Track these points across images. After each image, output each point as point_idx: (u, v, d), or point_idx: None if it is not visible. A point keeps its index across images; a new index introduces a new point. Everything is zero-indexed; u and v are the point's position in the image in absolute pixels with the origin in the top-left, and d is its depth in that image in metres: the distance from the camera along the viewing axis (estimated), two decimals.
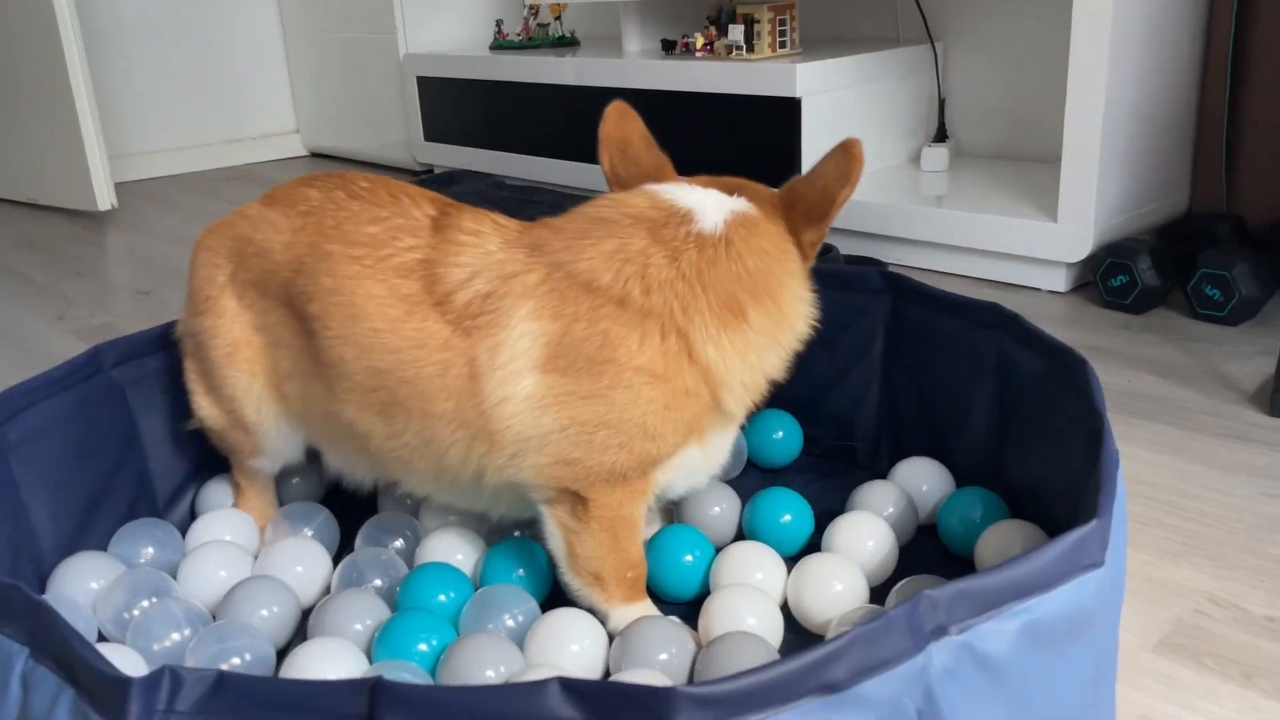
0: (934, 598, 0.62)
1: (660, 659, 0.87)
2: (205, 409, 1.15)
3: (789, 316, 0.97)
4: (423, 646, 0.90)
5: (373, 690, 0.59)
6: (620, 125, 1.08)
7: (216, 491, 1.22)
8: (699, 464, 0.99)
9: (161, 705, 0.60)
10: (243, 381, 1.10)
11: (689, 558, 1.03)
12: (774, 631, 0.94)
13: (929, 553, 1.12)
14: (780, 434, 1.30)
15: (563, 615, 0.93)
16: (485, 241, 0.99)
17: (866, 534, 1.05)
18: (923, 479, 1.16)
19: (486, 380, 0.93)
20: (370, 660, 0.92)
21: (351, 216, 1.03)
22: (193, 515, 1.24)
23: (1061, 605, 0.66)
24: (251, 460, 1.17)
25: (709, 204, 0.98)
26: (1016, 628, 0.64)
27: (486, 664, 0.86)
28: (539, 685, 0.56)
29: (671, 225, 0.95)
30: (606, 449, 0.91)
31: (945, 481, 1.17)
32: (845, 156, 0.94)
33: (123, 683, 0.59)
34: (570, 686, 0.56)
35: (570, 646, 0.90)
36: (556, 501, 0.95)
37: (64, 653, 0.65)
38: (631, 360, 0.90)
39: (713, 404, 0.95)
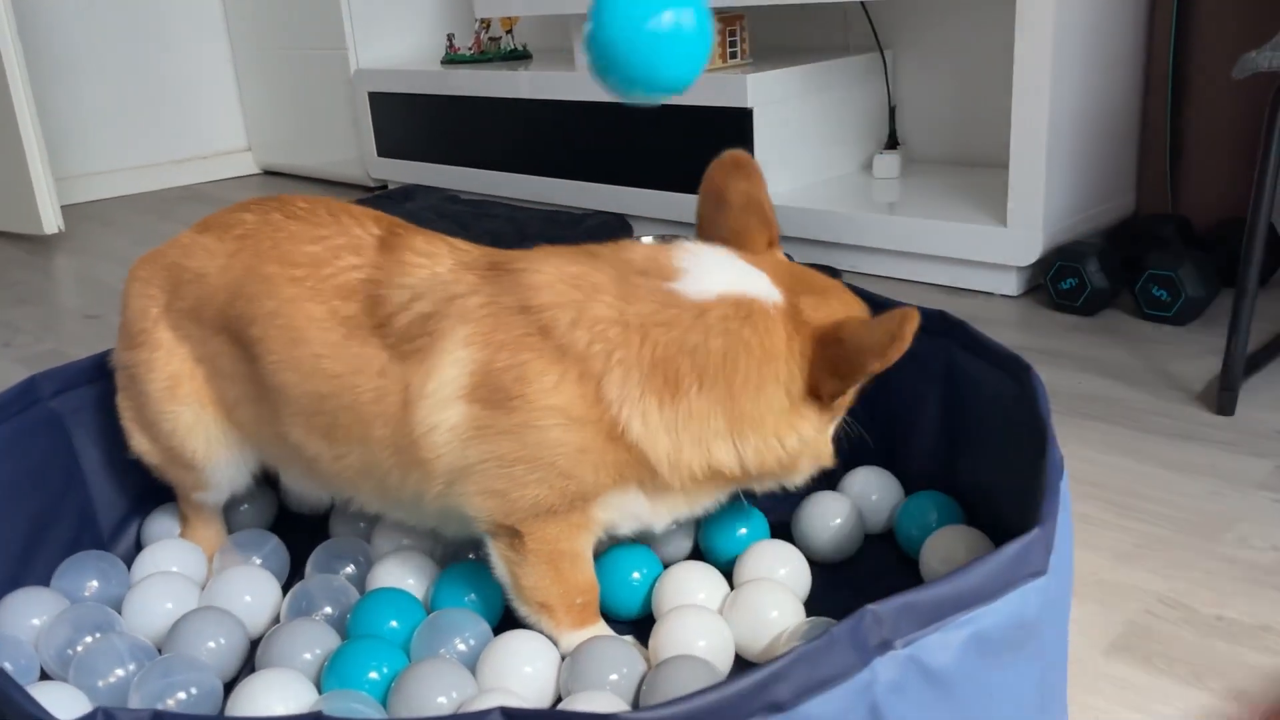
0: (877, 612, 0.62)
1: (610, 679, 0.86)
2: (142, 445, 1.12)
3: (751, 420, 0.89)
4: (373, 675, 0.89)
5: None
6: (723, 178, 1.01)
7: (162, 521, 1.20)
8: (642, 512, 0.95)
9: None
10: (187, 415, 1.06)
11: (636, 575, 1.02)
12: (725, 654, 0.93)
13: (884, 559, 1.12)
14: None
15: (515, 637, 0.92)
16: (436, 263, 0.95)
17: (782, 559, 1.04)
18: (872, 488, 1.16)
19: (416, 408, 0.90)
20: (320, 690, 0.90)
21: (290, 237, 1.00)
22: (138, 546, 1.22)
23: (1006, 615, 0.66)
24: (196, 494, 1.13)
25: (715, 275, 0.91)
26: (962, 639, 0.64)
27: (438, 690, 0.84)
28: (482, 715, 0.56)
29: (649, 275, 0.90)
30: (526, 484, 0.88)
31: (895, 490, 1.17)
32: (893, 330, 0.84)
33: None
34: (513, 715, 0.55)
35: (523, 669, 0.89)
36: (495, 533, 0.93)
37: None
38: (543, 399, 0.86)
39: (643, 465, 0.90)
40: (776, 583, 0.99)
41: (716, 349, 0.88)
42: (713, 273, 0.91)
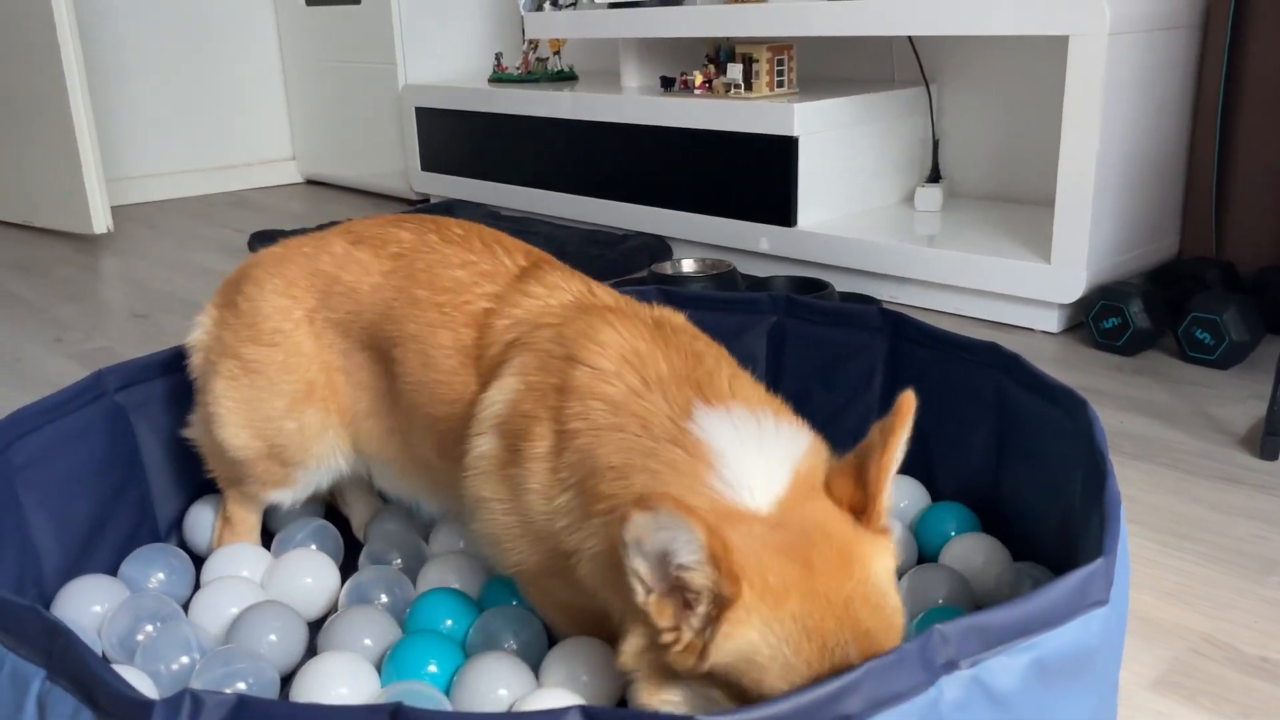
0: (945, 632, 0.63)
1: None
2: (238, 439, 1.10)
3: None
4: (432, 668, 0.92)
5: (393, 715, 0.60)
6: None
7: (204, 514, 1.22)
8: None
9: None
10: (315, 419, 1.07)
11: None
12: None
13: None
14: None
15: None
16: (554, 297, 0.95)
17: None
18: (901, 496, 1.20)
19: (470, 427, 0.92)
20: (380, 677, 0.92)
21: (442, 260, 1.02)
22: (181, 538, 1.24)
23: (1068, 641, 0.67)
24: (269, 491, 1.14)
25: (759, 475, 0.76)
26: (1025, 663, 0.65)
27: (498, 683, 0.87)
28: (559, 713, 0.57)
29: (692, 386, 0.82)
30: (517, 542, 0.87)
31: (923, 500, 1.21)
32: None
33: (144, 705, 0.60)
34: (591, 714, 0.57)
35: (582, 678, 0.90)
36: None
37: (83, 674, 0.65)
38: (531, 462, 0.85)
39: None
40: None
41: (634, 486, 0.78)
42: (739, 435, 0.78)
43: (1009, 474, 1.13)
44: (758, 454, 0.76)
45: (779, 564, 0.69)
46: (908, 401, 0.74)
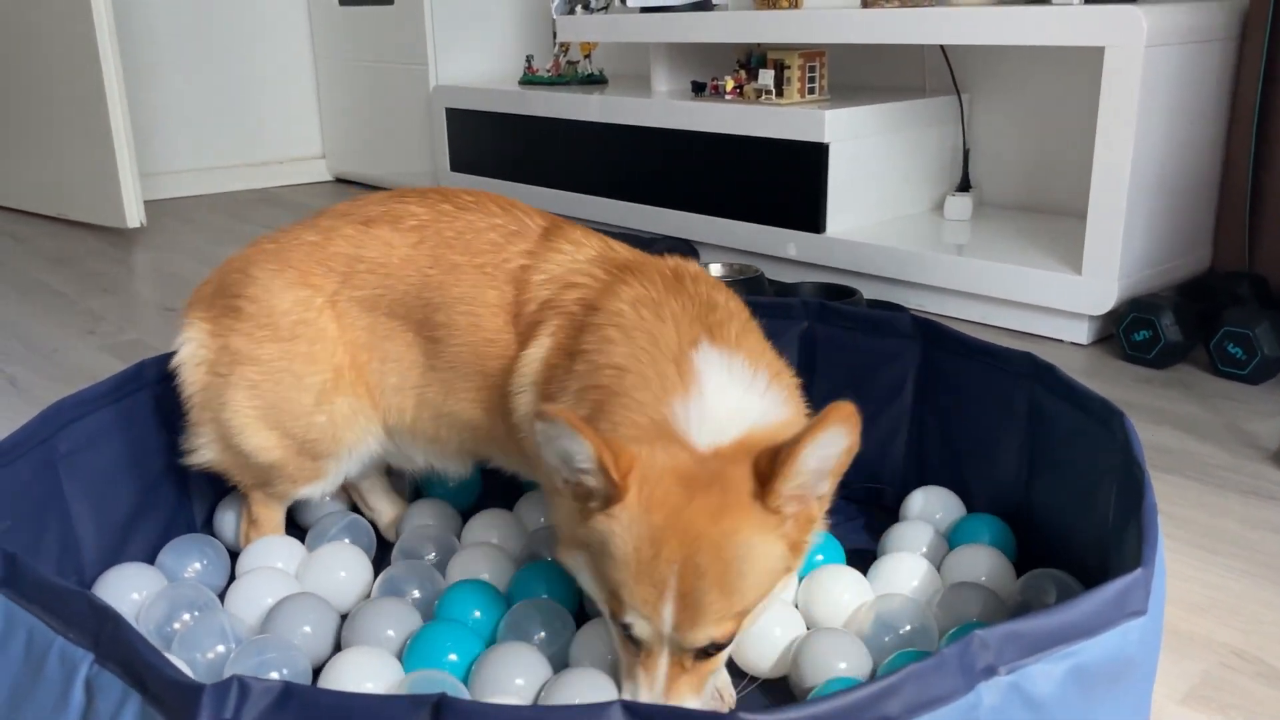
0: (984, 638, 0.63)
1: None
2: (267, 441, 1.09)
3: None
4: (452, 656, 0.93)
5: (436, 707, 0.61)
6: None
7: (228, 517, 1.23)
8: None
9: (229, 713, 0.62)
10: (346, 406, 1.08)
11: None
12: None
13: None
14: None
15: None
16: (580, 252, 1.02)
17: (910, 573, 1.07)
18: (935, 508, 1.21)
19: (512, 384, 0.98)
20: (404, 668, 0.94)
21: (470, 226, 1.06)
22: (211, 531, 1.25)
23: (1106, 650, 0.68)
24: (300, 487, 1.13)
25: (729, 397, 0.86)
26: (1063, 670, 0.66)
27: (516, 673, 0.89)
28: (603, 708, 0.58)
29: (696, 322, 0.92)
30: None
31: (957, 510, 1.21)
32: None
33: (194, 690, 0.61)
34: (633, 710, 0.58)
35: (609, 657, 0.92)
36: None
37: (132, 659, 0.66)
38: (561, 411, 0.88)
39: None
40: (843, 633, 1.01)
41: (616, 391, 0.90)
42: (730, 379, 0.87)
43: (1041, 484, 1.13)
44: (731, 404, 0.85)
45: (670, 486, 0.79)
46: (836, 410, 0.78)
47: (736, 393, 0.86)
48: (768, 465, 0.79)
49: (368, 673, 0.90)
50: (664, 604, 0.77)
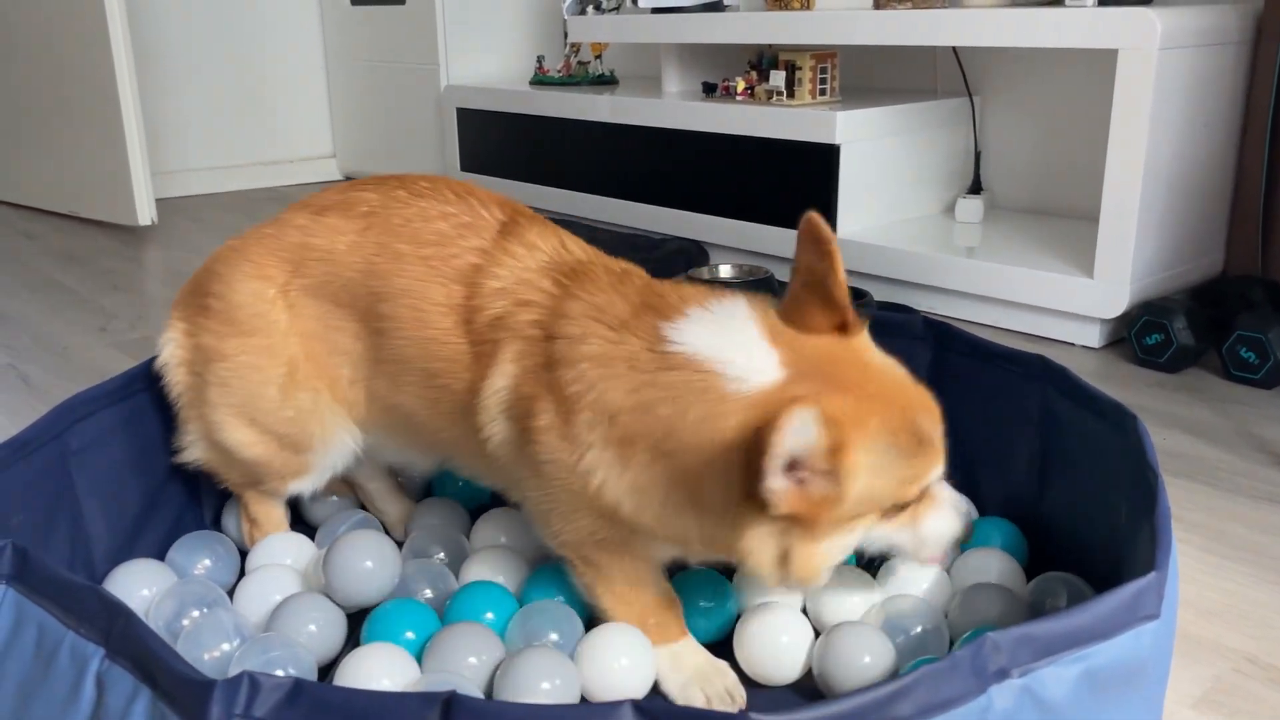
0: (997, 641, 0.63)
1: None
2: (247, 436, 1.08)
3: (694, 507, 0.83)
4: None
5: (446, 704, 0.60)
6: (800, 246, 0.90)
7: (231, 520, 1.23)
8: (670, 549, 0.93)
9: (240, 709, 0.62)
10: (306, 399, 1.06)
11: (703, 604, 1.03)
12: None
13: None
14: None
15: (610, 630, 0.95)
16: (534, 257, 0.96)
17: (922, 575, 1.06)
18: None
19: (479, 413, 0.94)
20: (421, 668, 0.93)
21: (420, 213, 1.01)
22: (220, 528, 1.25)
23: (1119, 654, 0.67)
24: (289, 483, 1.13)
25: (706, 331, 0.85)
26: (1075, 674, 0.65)
27: (542, 677, 0.87)
28: (613, 708, 0.58)
29: (657, 311, 0.88)
30: (550, 515, 0.90)
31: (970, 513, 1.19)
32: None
33: (205, 685, 0.61)
34: (644, 709, 0.58)
35: (620, 661, 0.92)
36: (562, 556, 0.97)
37: (143, 654, 0.67)
38: (541, 435, 0.88)
39: None
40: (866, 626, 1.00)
41: (662, 417, 0.82)
42: (707, 328, 0.85)
43: (1053, 487, 1.13)
44: (731, 337, 0.84)
45: (839, 399, 0.78)
46: (811, 221, 0.85)
47: (719, 330, 0.85)
48: (822, 313, 0.85)
49: (383, 671, 0.90)
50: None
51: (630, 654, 0.91)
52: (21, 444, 1.00)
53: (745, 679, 0.98)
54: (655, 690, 0.94)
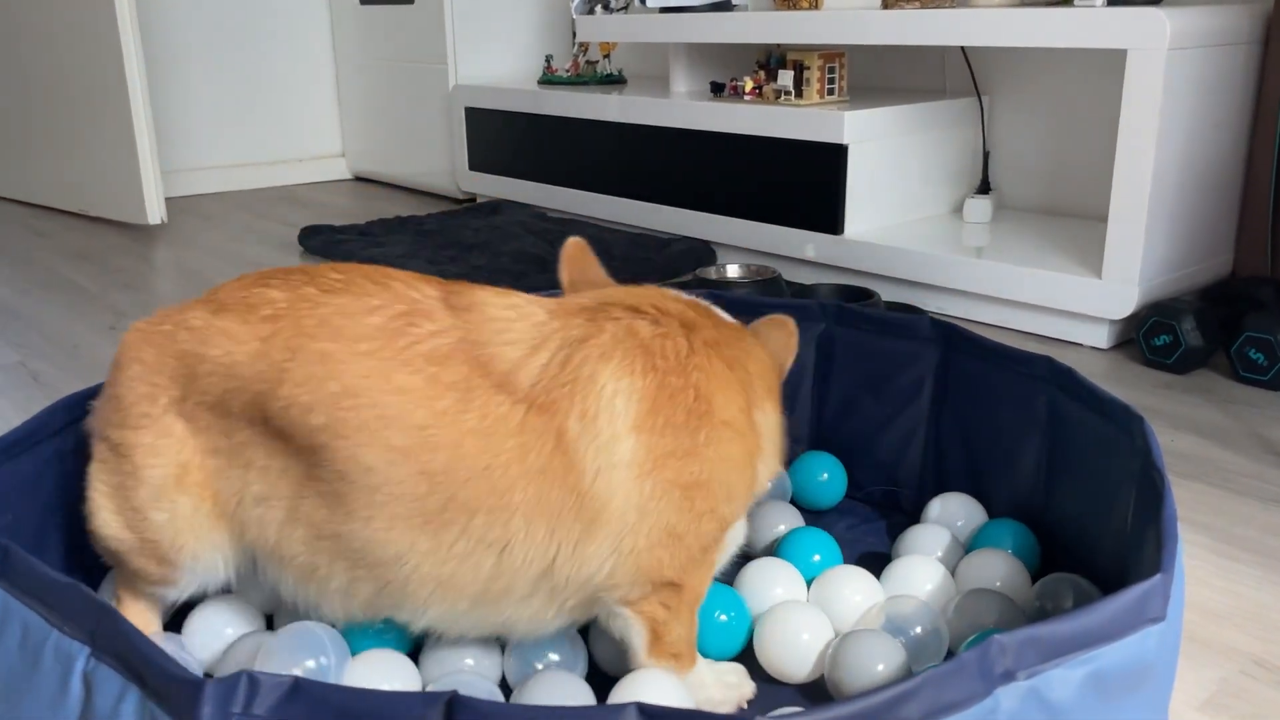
0: (1003, 643, 0.63)
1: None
2: (110, 527, 0.95)
3: (768, 428, 0.99)
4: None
5: (448, 704, 0.60)
6: (569, 271, 1.08)
7: None
8: (738, 536, 0.99)
9: (238, 708, 0.61)
10: (187, 506, 0.92)
11: (722, 617, 1.02)
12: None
13: None
14: (825, 476, 1.30)
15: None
16: (529, 314, 0.90)
17: (925, 577, 1.06)
18: (958, 515, 1.19)
19: (581, 452, 0.84)
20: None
21: (339, 311, 0.88)
22: None
23: (1125, 657, 0.67)
24: (156, 588, 0.98)
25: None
26: (1081, 676, 0.65)
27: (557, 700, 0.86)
28: (618, 710, 0.58)
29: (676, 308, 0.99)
30: (702, 515, 0.88)
31: (979, 517, 1.19)
32: (784, 333, 1.04)
33: (195, 684, 0.61)
34: (649, 712, 0.57)
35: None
36: (645, 597, 0.89)
37: (129, 652, 0.66)
38: (721, 413, 0.90)
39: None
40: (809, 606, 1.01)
41: (767, 369, 1.01)
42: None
43: (1059, 488, 1.12)
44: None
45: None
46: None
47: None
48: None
49: (385, 675, 0.89)
50: None
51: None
52: (13, 442, 0.98)
53: (762, 676, 0.99)
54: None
